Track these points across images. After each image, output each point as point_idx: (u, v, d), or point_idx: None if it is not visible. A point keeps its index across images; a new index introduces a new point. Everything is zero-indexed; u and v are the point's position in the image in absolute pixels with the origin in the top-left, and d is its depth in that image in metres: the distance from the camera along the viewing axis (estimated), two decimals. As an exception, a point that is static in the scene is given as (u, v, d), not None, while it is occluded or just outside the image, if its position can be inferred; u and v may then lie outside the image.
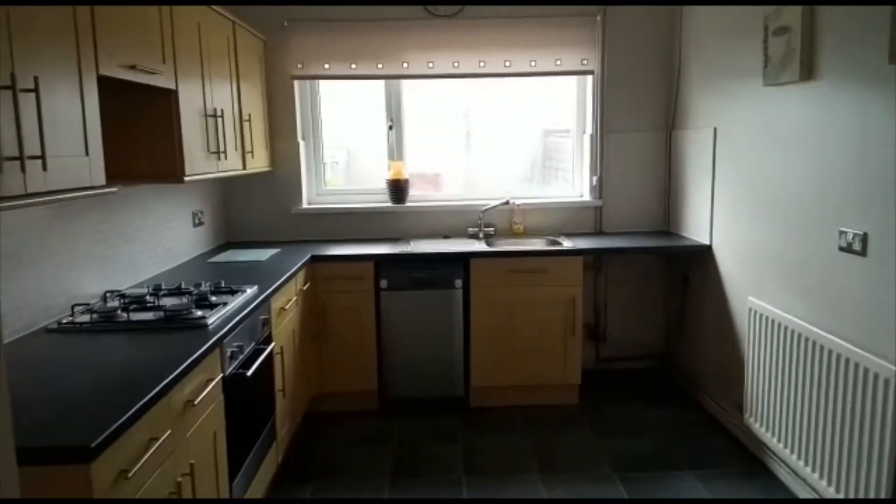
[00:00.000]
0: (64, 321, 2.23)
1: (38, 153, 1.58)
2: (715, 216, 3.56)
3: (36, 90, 1.56)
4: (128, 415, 1.49)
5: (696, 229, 3.79)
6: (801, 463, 2.68)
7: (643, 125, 4.13)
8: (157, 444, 1.65)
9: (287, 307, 3.06)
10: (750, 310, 3.07)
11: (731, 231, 3.38)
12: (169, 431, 1.73)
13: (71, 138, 1.78)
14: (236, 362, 2.34)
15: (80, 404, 1.57)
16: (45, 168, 1.60)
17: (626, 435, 3.44)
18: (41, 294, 2.24)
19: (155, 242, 3.14)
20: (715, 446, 3.29)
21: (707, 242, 3.64)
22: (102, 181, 1.94)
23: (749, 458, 3.14)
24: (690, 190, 3.85)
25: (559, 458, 3.21)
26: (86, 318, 2.25)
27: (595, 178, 4.16)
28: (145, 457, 1.57)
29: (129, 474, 1.48)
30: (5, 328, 2.06)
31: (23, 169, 1.53)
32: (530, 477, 3.03)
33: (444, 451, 3.31)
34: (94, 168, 1.89)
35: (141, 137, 2.59)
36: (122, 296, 2.53)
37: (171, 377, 1.72)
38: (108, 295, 2.54)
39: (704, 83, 3.66)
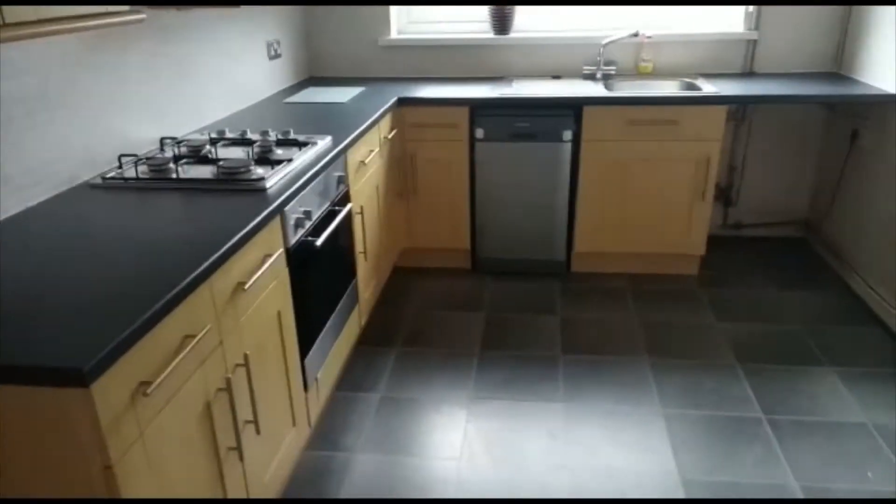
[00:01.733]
0: (109, 175, 1.95)
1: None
2: (913, 57, 2.73)
3: None
4: (140, 321, 1.19)
5: (879, 74, 2.96)
6: None
7: (825, -70, 3.16)
8: (191, 344, 1.37)
9: (368, 160, 2.66)
10: (950, 185, 2.38)
11: (935, 78, 2.58)
12: (208, 326, 1.45)
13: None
14: (303, 230, 2.01)
15: (100, 294, 1.29)
16: (21, -11, 1.19)
17: (754, 317, 2.96)
18: (83, 142, 1.95)
19: (223, 79, 2.76)
20: (864, 339, 2.77)
21: (892, 91, 2.84)
22: (124, 5, 1.52)
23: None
24: (878, 21, 2.96)
25: (672, 340, 2.81)
26: (132, 172, 1.96)
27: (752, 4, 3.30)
28: (174, 362, 1.30)
29: (150, 388, 1.21)
30: (36, 184, 1.79)
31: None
32: (637, 360, 2.68)
33: (540, 321, 2.98)
34: (108, -11, 1.47)
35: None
36: (179, 144, 2.21)
37: (205, 265, 1.40)
38: (164, 142, 2.22)
39: None
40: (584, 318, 3.01)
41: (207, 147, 2.18)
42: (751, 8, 3.31)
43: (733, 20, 3.41)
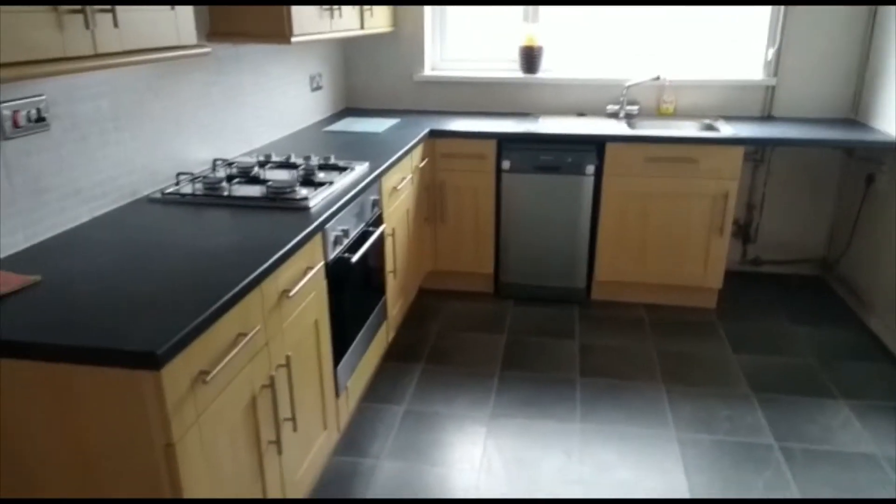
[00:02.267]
0: (167, 190, 2.14)
1: (107, 7, 1.36)
2: (925, 103, 2.85)
3: (100, -72, 1.31)
4: (204, 315, 1.34)
5: (894, 122, 3.08)
6: None
7: (843, -17, 3.32)
8: (244, 341, 1.52)
9: (400, 186, 2.84)
10: (958, 226, 2.47)
11: (946, 124, 2.69)
12: (258, 327, 1.60)
13: (152, -11, 1.55)
14: (341, 247, 2.17)
15: (164, 292, 1.45)
16: (115, 24, 1.38)
17: (770, 350, 3.04)
18: (145, 160, 2.14)
19: (270, 107, 2.97)
20: (878, 375, 2.83)
21: (908, 136, 2.95)
22: (193, 40, 1.72)
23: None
24: (894, 72, 3.09)
25: (688, 369, 2.90)
26: (189, 188, 2.14)
27: (772, 51, 3.45)
28: (229, 356, 1.45)
29: (209, 377, 1.36)
30: (103, 196, 1.98)
31: (88, 25, 1.32)
32: (652, 387, 2.77)
33: (559, 345, 3.10)
34: (181, 24, 1.66)
35: (249, -9, 2.33)
36: (230, 165, 2.40)
37: (258, 271, 1.56)
38: (217, 163, 2.42)
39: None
40: (603, 344, 3.11)
41: (256, 169, 2.37)
42: (769, 55, 3.46)
43: (753, 67, 3.56)
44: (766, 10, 3.42)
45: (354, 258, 2.21)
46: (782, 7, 3.37)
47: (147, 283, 1.49)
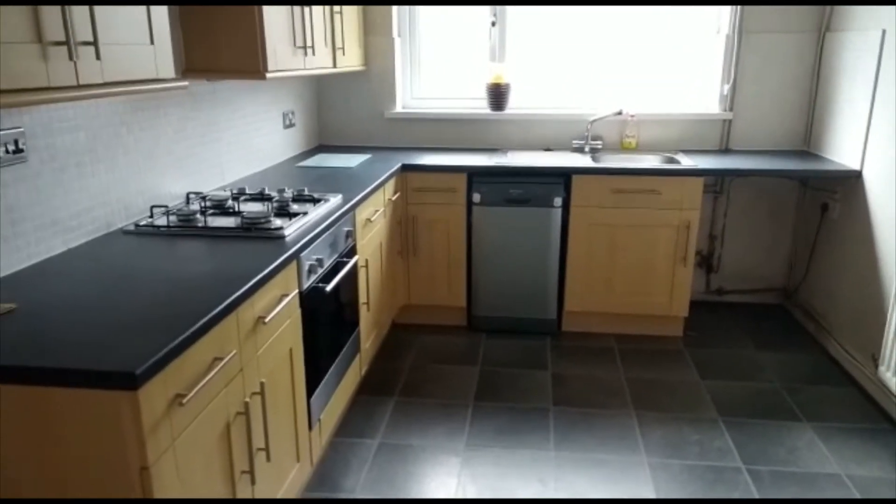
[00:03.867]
0: (142, 223, 2.15)
1: (90, 39, 1.40)
2: (871, 138, 3.01)
3: (84, -35, 1.36)
4: (183, 337, 1.36)
5: (844, 152, 3.24)
6: None
7: (791, 25, 3.51)
8: (220, 365, 1.53)
9: (373, 218, 2.88)
10: (906, 251, 2.60)
11: (890, 157, 2.85)
12: (234, 351, 1.61)
13: (132, 24, 1.60)
14: (315, 276, 2.20)
15: (141, 318, 1.46)
16: (98, 56, 1.43)
17: (736, 376, 3.12)
18: (120, 193, 2.16)
19: (243, 143, 3.01)
20: (838, 398, 2.92)
21: (856, 168, 3.11)
22: (171, 74, 1.76)
23: (879, 414, 2.77)
24: (842, 105, 3.27)
25: (657, 395, 2.95)
26: (163, 220, 2.16)
27: (727, 87, 3.63)
28: (205, 379, 1.46)
29: (185, 399, 1.37)
30: (79, 227, 1.99)
31: (71, 57, 1.36)
32: (624, 414, 2.81)
33: (532, 376, 3.13)
34: (160, 59, 1.71)
35: (224, 30, 2.40)
36: (204, 198, 2.42)
37: (235, 295, 1.58)
38: (190, 196, 2.44)
39: (877, -28, 3.02)
40: (574, 373, 3.16)
41: (230, 201, 2.40)
42: (725, 90, 3.63)
43: (710, 102, 3.73)
44: (720, 46, 3.61)
45: (328, 287, 2.24)
46: (735, 43, 3.55)
47: (123, 310, 1.50)
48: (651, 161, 3.61)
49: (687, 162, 3.38)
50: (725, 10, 3.57)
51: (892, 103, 2.85)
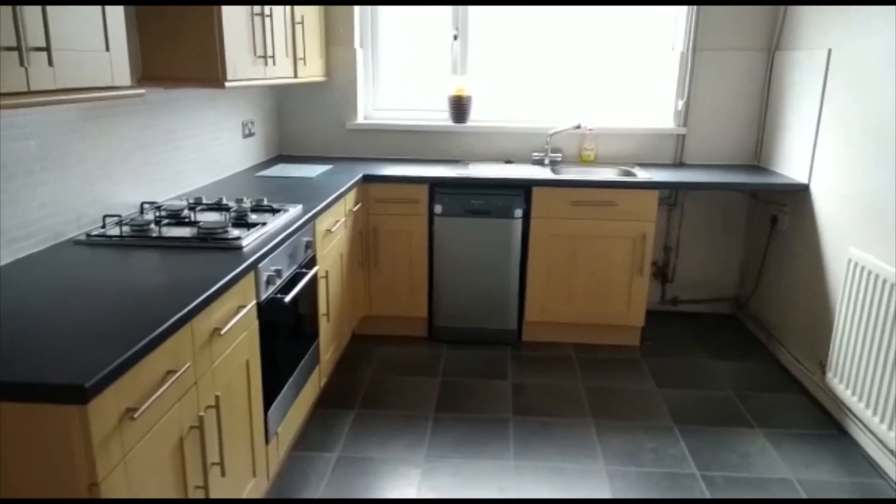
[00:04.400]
0: (93, 233, 2.10)
1: (42, 44, 1.38)
2: (818, 153, 3.13)
3: (36, -31, 1.34)
4: (135, 349, 1.33)
5: (793, 166, 3.36)
6: (885, 427, 2.44)
7: (743, 43, 3.64)
8: (174, 378, 1.50)
9: (334, 229, 2.87)
10: (850, 261, 2.70)
11: (835, 171, 2.96)
12: (188, 364, 1.59)
13: (87, 30, 1.57)
14: (274, 287, 2.18)
15: (91, 330, 1.42)
16: (50, 62, 1.40)
17: (691, 384, 3.19)
18: (71, 202, 2.11)
19: (201, 152, 2.97)
20: (788, 404, 3.01)
21: (804, 181, 3.22)
22: (127, 81, 1.74)
23: (826, 420, 2.86)
24: (791, 121, 3.40)
25: (614, 404, 3.00)
26: (116, 231, 2.12)
27: (681, 103, 3.73)
28: (158, 392, 1.43)
29: (137, 413, 1.34)
30: (27, 237, 1.93)
31: (22, 62, 1.33)
32: (582, 422, 2.84)
33: (493, 386, 3.15)
34: (116, 66, 1.68)
35: (183, 38, 2.37)
36: (159, 208, 2.38)
37: (190, 306, 1.56)
38: (144, 206, 2.40)
39: (821, -5, 3.15)
40: (534, 383, 3.19)
41: (186, 211, 2.36)
42: (679, 106, 3.73)
43: (665, 117, 3.83)
44: (675, 62, 3.71)
45: (287, 298, 2.22)
46: (689, 60, 3.65)
47: (72, 322, 1.46)
48: (609, 174, 3.68)
49: (643, 175, 3.45)
50: (680, 28, 3.67)
51: (837, 120, 2.96)
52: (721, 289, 3.99)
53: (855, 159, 2.79)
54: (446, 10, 3.79)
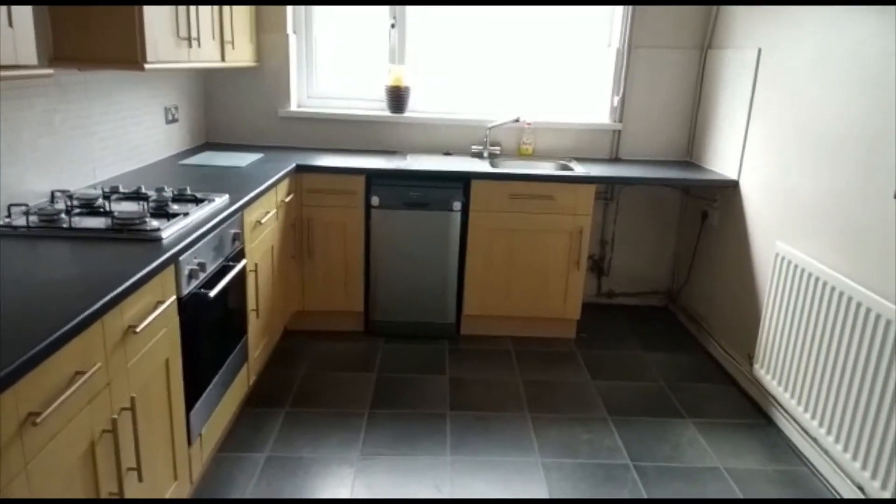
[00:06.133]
0: (-3, 223, 1.94)
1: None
2: (747, 150, 3.21)
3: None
4: (36, 349, 1.21)
5: (723, 163, 3.44)
6: (809, 416, 2.54)
7: (677, 41, 3.69)
8: (82, 380, 1.38)
9: (264, 221, 2.76)
10: (777, 255, 2.78)
11: (763, 168, 3.04)
12: (98, 364, 1.47)
13: (-20, 0, 1.43)
14: (197, 281, 2.06)
15: (-16, 329, 1.29)
16: (-65, 34, 1.26)
17: (624, 376, 3.23)
18: (-29, 190, 1.94)
19: (119, 139, 2.80)
20: (718, 395, 3.08)
21: (734, 178, 3.30)
22: (33, 60, 1.60)
23: (754, 410, 2.95)
24: (722, 118, 3.47)
25: (551, 397, 3.00)
26: (22, 221, 1.96)
27: (616, 99, 3.77)
28: (64, 395, 1.31)
29: (40, 419, 1.22)
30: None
31: None
32: (519, 416, 2.83)
33: (430, 380, 3.10)
34: (20, 43, 1.54)
35: (99, 16, 2.21)
36: (70, 197, 2.22)
37: (100, 303, 1.44)
38: (55, 195, 2.23)
39: (750, -5, 3.22)
40: (472, 377, 3.16)
41: (100, 200, 2.21)
42: (615, 102, 3.76)
43: (601, 113, 3.86)
44: (611, 59, 3.74)
45: (212, 293, 2.10)
46: (625, 57, 3.69)
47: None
48: (547, 168, 3.68)
49: (580, 170, 3.47)
50: (616, 25, 3.70)
51: (766, 117, 3.04)
52: (655, 282, 4.07)
53: (783, 156, 2.87)
54: (383, -2, 3.70)
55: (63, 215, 2.00)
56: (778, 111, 2.92)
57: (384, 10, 3.71)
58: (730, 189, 3.34)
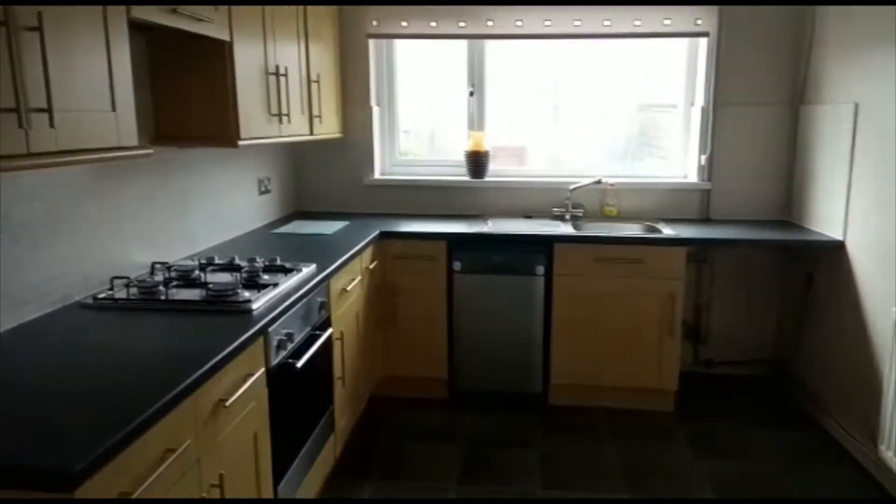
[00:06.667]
0: (100, 295, 2.02)
1: (44, 105, 1.32)
2: (851, 208, 3.00)
3: (40, 29, 1.29)
4: (128, 429, 1.22)
5: (826, 222, 3.22)
6: None
7: (765, 98, 3.56)
8: (173, 457, 1.38)
9: (350, 288, 2.77)
10: (895, 322, 2.53)
11: (872, 227, 2.82)
12: (188, 442, 1.46)
13: (92, 91, 1.52)
14: (285, 352, 2.07)
15: (84, 405, 1.32)
16: (52, 124, 1.34)
17: (731, 454, 2.97)
18: (79, 264, 2.04)
19: (215, 211, 2.92)
20: (839, 478, 2.78)
21: (839, 238, 3.08)
22: (134, 141, 1.68)
23: (882, 498, 2.63)
24: (821, 175, 3.28)
25: (652, 477, 2.79)
26: (123, 293, 2.03)
27: (704, 157, 3.64)
28: (155, 474, 1.31)
29: (132, 497, 1.22)
30: (32, 301, 1.85)
31: (21, 125, 1.27)
32: (617, 497, 2.64)
33: (518, 454, 2.96)
34: (122, 126, 1.63)
35: (196, 97, 2.34)
36: (169, 269, 2.30)
37: (190, 379, 1.45)
38: (155, 267, 2.32)
39: (845, 49, 3.07)
40: (563, 453, 2.99)
41: (197, 272, 2.28)
42: (702, 160, 3.63)
43: (688, 171, 3.73)
44: (696, 118, 3.63)
45: (299, 363, 2.10)
46: (711, 115, 3.58)
47: (68, 395, 1.36)
48: (633, 230, 3.57)
49: (668, 231, 3.34)
50: (700, 84, 3.61)
51: (870, 174, 2.84)
52: (758, 350, 3.79)
53: (892, 215, 2.66)
54: (462, 67, 3.78)
55: (161, 287, 2.07)
56: (882, 166, 2.72)
57: (463, 79, 3.78)
58: (835, 250, 3.11)
